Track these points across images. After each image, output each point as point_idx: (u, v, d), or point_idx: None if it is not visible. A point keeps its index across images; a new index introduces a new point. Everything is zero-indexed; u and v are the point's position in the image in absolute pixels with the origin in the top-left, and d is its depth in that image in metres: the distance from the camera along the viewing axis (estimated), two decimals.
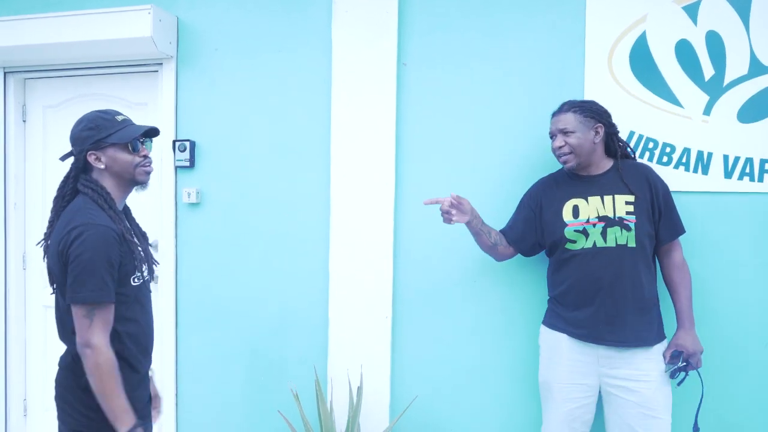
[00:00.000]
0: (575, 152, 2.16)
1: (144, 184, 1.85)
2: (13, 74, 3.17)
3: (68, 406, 1.74)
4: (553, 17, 2.51)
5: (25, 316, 3.27)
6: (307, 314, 2.78)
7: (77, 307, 1.65)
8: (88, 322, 1.65)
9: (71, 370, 1.74)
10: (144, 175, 1.83)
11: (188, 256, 2.94)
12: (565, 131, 2.17)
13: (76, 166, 1.78)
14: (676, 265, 2.22)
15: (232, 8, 2.86)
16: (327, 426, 2.52)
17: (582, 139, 2.16)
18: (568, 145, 2.16)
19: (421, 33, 2.64)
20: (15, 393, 3.25)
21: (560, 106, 2.25)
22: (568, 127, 2.17)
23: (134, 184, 1.84)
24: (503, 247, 2.35)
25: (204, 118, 2.90)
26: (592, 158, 2.20)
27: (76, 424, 1.73)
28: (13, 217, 3.20)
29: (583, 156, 2.17)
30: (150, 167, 1.85)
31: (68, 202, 1.77)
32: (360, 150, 2.66)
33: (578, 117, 2.18)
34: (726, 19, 2.34)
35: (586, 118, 2.18)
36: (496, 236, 2.34)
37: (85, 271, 1.63)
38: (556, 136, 2.20)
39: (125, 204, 1.90)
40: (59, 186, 1.81)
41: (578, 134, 2.16)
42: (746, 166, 2.33)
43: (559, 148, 2.18)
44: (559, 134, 2.18)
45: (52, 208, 1.82)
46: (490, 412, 2.59)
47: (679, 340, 2.16)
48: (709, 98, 2.36)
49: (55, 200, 1.81)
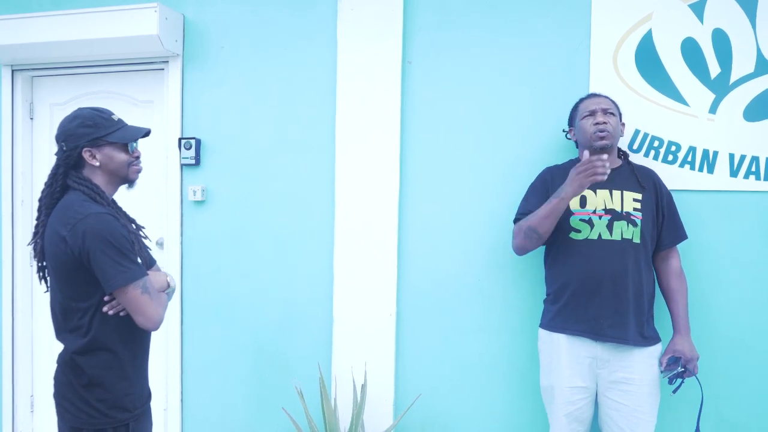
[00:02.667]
0: (612, 134, 2.18)
1: (134, 182, 1.89)
2: (20, 72, 3.19)
3: (68, 403, 1.75)
4: (558, 15, 2.50)
5: (32, 313, 3.29)
6: (312, 312, 2.79)
7: (129, 289, 1.66)
8: (147, 297, 1.69)
9: (70, 367, 1.74)
10: (135, 174, 1.87)
11: (194, 253, 2.96)
12: (607, 111, 2.20)
13: (66, 162, 1.76)
14: (675, 272, 2.23)
15: (238, 6, 2.87)
16: (331, 423, 2.52)
17: (617, 125, 2.21)
18: (610, 124, 2.17)
19: (426, 31, 2.64)
20: (22, 389, 3.27)
21: (591, 93, 2.32)
22: (610, 108, 2.21)
23: (124, 182, 1.87)
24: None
25: (210, 116, 2.91)
26: (613, 150, 2.22)
27: (75, 421, 1.74)
28: (20, 214, 3.22)
29: (614, 141, 2.20)
30: (140, 167, 1.88)
31: (57, 199, 1.76)
32: (365, 147, 2.66)
33: (614, 106, 2.25)
34: (732, 17, 2.33)
35: (618, 112, 2.25)
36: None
37: (115, 254, 1.65)
38: (597, 113, 2.19)
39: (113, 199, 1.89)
40: (47, 183, 1.79)
41: (617, 118, 2.22)
42: (752, 164, 2.32)
43: (602, 123, 2.16)
44: (601, 112, 2.19)
45: (40, 207, 1.79)
46: (493, 410, 2.59)
47: (677, 346, 2.16)
48: (715, 96, 2.35)
49: (43, 198, 1.78)
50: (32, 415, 3.31)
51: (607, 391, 2.15)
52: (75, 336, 1.73)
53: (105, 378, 1.73)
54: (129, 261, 1.68)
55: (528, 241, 2.19)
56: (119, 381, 1.76)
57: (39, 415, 3.30)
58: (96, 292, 1.70)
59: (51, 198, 1.77)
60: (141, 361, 1.86)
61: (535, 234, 2.15)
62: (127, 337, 1.77)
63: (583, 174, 2.02)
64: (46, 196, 1.78)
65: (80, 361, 1.72)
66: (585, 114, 2.22)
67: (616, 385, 2.13)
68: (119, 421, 1.75)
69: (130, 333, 1.77)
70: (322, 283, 2.76)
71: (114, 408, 1.74)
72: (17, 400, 3.27)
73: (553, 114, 2.48)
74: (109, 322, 1.73)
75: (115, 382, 1.75)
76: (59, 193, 1.77)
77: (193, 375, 2.98)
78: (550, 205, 2.11)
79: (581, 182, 2.03)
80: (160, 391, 3.02)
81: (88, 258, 1.65)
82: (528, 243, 2.20)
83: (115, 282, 1.65)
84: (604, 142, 2.17)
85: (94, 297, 1.71)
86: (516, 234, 2.25)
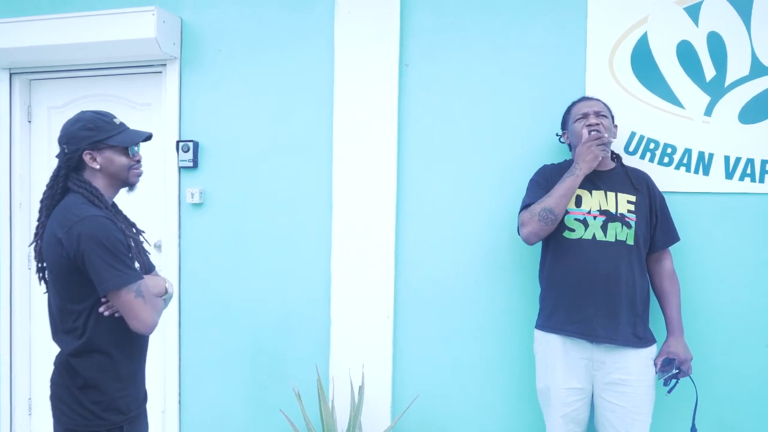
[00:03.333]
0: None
1: (134, 185, 1.89)
2: (18, 75, 3.20)
3: (63, 405, 1.75)
4: (554, 18, 2.51)
5: (30, 315, 3.29)
6: (309, 313, 2.80)
7: (122, 292, 1.66)
8: (141, 300, 1.68)
9: (65, 369, 1.75)
10: (136, 177, 1.87)
11: (191, 255, 2.96)
12: (599, 114, 2.21)
13: (67, 164, 1.78)
14: (667, 273, 2.24)
15: (236, 9, 2.88)
16: (328, 425, 2.53)
17: (610, 127, 2.22)
18: (603, 126, 2.18)
19: (423, 33, 2.65)
20: (20, 391, 3.27)
21: (584, 96, 2.34)
22: (602, 111, 2.22)
23: (125, 185, 1.87)
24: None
25: (207, 118, 2.92)
26: (607, 152, 2.22)
27: (70, 423, 1.74)
28: (18, 217, 3.22)
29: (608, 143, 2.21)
30: (141, 170, 1.88)
31: (58, 201, 1.77)
32: (362, 150, 2.67)
33: (606, 109, 2.26)
34: (727, 20, 2.34)
35: (610, 114, 2.27)
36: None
37: (110, 258, 1.65)
38: (589, 115, 2.20)
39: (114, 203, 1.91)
40: (48, 184, 1.80)
41: (609, 121, 2.23)
42: (747, 167, 2.33)
43: (596, 125, 2.17)
44: (594, 114, 2.20)
45: (40, 208, 1.80)
46: (491, 411, 2.60)
47: (670, 348, 2.17)
48: (711, 99, 2.36)
49: (44, 199, 1.80)
50: (30, 417, 3.31)
51: (602, 392, 2.15)
52: (70, 338, 1.74)
53: (100, 380, 1.73)
54: (123, 264, 1.68)
55: (542, 223, 2.14)
56: (114, 383, 1.76)
57: (37, 418, 3.30)
58: (91, 295, 1.70)
59: (51, 200, 1.78)
60: (137, 364, 1.86)
61: (551, 215, 2.12)
62: (122, 339, 1.77)
63: (593, 142, 2.11)
64: (47, 197, 1.80)
65: (75, 363, 1.73)
66: (577, 117, 2.23)
67: (611, 386, 2.13)
68: (113, 424, 1.75)
69: (126, 336, 1.76)
70: (320, 284, 2.77)
71: (108, 410, 1.74)
72: (15, 403, 3.27)
73: (550, 116, 2.48)
74: (104, 325, 1.73)
75: (109, 384, 1.75)
76: (60, 194, 1.78)
77: (191, 377, 2.98)
78: (565, 183, 2.13)
79: (594, 153, 2.11)
80: (157, 394, 3.03)
81: (83, 260, 1.65)
82: (542, 226, 2.14)
83: (109, 285, 1.65)
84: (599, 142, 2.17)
85: (89, 299, 1.71)
86: (527, 221, 2.18)
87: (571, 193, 2.13)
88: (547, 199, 2.14)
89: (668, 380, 2.18)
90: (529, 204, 2.22)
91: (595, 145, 2.11)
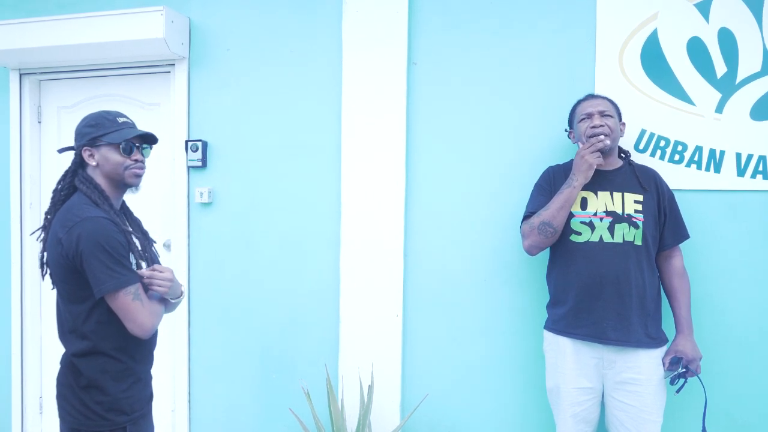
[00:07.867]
0: (610, 136, 2.16)
1: (134, 186, 1.84)
2: (28, 76, 3.22)
3: (68, 405, 1.75)
4: (563, 15, 2.50)
5: (41, 315, 3.31)
6: (318, 313, 2.80)
7: (119, 295, 1.65)
8: (138, 303, 1.68)
9: (70, 369, 1.75)
10: (133, 178, 1.81)
11: (201, 255, 2.97)
12: (604, 113, 2.19)
13: (74, 161, 1.81)
14: (677, 271, 2.22)
15: (244, 9, 2.88)
16: (338, 424, 2.53)
17: (615, 126, 2.19)
18: (607, 126, 2.16)
19: (431, 32, 2.65)
20: (31, 391, 3.29)
21: (589, 95, 2.30)
22: (607, 110, 2.20)
23: (123, 186, 1.83)
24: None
25: (216, 118, 2.93)
26: (613, 151, 2.21)
27: (74, 422, 1.74)
28: (29, 217, 3.24)
29: (612, 143, 2.18)
30: (140, 170, 1.82)
31: (66, 196, 1.78)
32: (371, 149, 2.67)
33: (612, 107, 2.23)
34: (738, 16, 2.33)
35: (617, 113, 2.24)
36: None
37: (108, 259, 1.64)
38: (594, 116, 2.18)
39: (124, 203, 1.90)
40: (59, 179, 1.82)
41: (615, 120, 2.20)
42: (759, 164, 2.31)
43: (599, 126, 2.15)
44: (598, 115, 2.18)
45: (50, 200, 1.81)
46: (500, 410, 2.59)
47: (678, 347, 2.15)
48: (722, 96, 2.35)
49: (53, 192, 1.81)
50: (41, 416, 3.33)
51: (613, 391, 2.14)
52: (74, 338, 1.74)
53: (102, 381, 1.73)
54: (121, 267, 1.67)
55: (542, 236, 2.16)
56: (117, 384, 1.75)
57: (48, 417, 3.32)
58: (92, 296, 1.69)
59: (59, 194, 1.80)
60: (141, 365, 1.84)
61: (550, 228, 2.14)
62: (125, 341, 1.75)
63: (586, 152, 2.09)
64: (55, 191, 1.81)
65: (78, 363, 1.73)
66: (582, 117, 2.22)
67: (622, 385, 2.12)
68: (116, 424, 1.74)
69: (129, 337, 1.75)
70: (329, 284, 2.77)
71: (111, 410, 1.74)
72: (26, 402, 3.29)
73: (560, 114, 2.47)
74: (106, 326, 1.72)
75: (112, 385, 1.74)
76: (67, 190, 1.79)
77: (201, 376, 2.99)
78: (562, 195, 2.12)
79: (588, 162, 2.09)
80: (167, 392, 3.04)
81: (81, 261, 1.64)
82: (542, 239, 2.17)
83: (106, 287, 1.64)
84: (602, 145, 2.14)
85: (89, 300, 1.70)
86: (528, 233, 2.21)
87: (569, 205, 2.13)
88: (545, 212, 2.15)
89: (675, 379, 2.16)
90: (530, 214, 2.24)
91: (589, 153, 2.10)
